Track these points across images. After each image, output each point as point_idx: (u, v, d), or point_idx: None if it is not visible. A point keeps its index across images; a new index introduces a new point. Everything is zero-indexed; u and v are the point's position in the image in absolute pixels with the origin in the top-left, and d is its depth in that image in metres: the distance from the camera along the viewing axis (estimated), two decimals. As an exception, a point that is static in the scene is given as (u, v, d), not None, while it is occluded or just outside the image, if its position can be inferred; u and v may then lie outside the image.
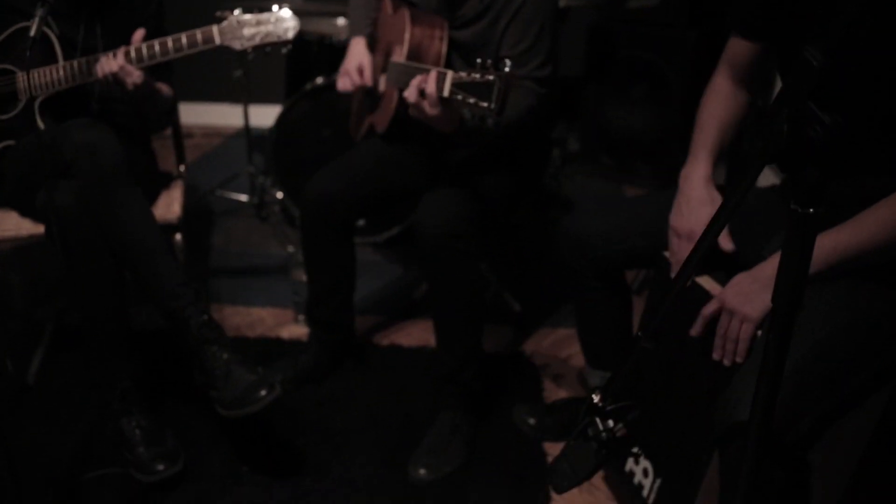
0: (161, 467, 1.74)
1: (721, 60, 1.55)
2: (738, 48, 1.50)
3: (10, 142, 1.87)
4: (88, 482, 1.78)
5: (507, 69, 1.39)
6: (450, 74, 1.45)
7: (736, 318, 1.28)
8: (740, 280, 1.30)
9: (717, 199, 1.46)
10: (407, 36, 1.78)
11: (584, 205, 3.20)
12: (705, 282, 1.45)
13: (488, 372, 2.02)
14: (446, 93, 1.46)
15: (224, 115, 4.19)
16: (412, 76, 1.65)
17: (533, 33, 1.74)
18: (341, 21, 3.10)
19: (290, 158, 2.82)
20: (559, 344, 2.32)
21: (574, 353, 2.25)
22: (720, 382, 1.33)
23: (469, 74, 1.42)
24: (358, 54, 2.01)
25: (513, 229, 2.95)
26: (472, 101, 1.41)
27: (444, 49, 1.81)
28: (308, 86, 2.71)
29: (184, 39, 1.78)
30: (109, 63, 1.75)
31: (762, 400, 0.93)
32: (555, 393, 2.11)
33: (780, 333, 0.89)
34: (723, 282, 1.37)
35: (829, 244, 1.23)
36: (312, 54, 2.93)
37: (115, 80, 1.76)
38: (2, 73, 1.87)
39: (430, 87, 1.50)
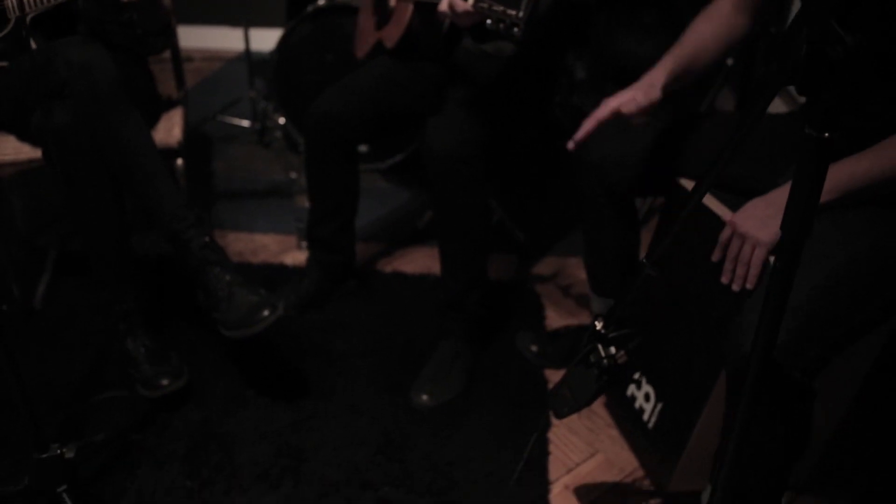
0: (165, 381, 1.76)
1: None
2: None
3: (3, 63, 1.83)
4: (96, 404, 1.81)
5: None
6: None
7: (748, 242, 1.27)
8: (755, 204, 1.29)
9: (653, 94, 1.48)
10: None
11: (594, 135, 3.15)
12: (715, 206, 1.44)
13: (492, 300, 2.03)
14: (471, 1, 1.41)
15: (224, 39, 4.09)
16: None
17: None
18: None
19: (292, 83, 2.77)
20: (563, 272, 2.32)
21: (577, 282, 2.25)
22: (727, 308, 1.33)
23: None
24: None
25: (518, 157, 2.91)
26: (499, 8, 1.37)
27: None
28: (310, 8, 2.63)
29: None
30: None
31: (765, 327, 0.92)
32: (557, 321, 2.12)
33: (788, 259, 0.88)
34: (734, 207, 1.36)
35: (848, 170, 1.21)
36: (314, -26, 2.84)
37: None
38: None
39: (460, 4, 1.47)
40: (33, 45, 1.79)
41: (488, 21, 1.41)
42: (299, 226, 2.33)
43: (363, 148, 2.66)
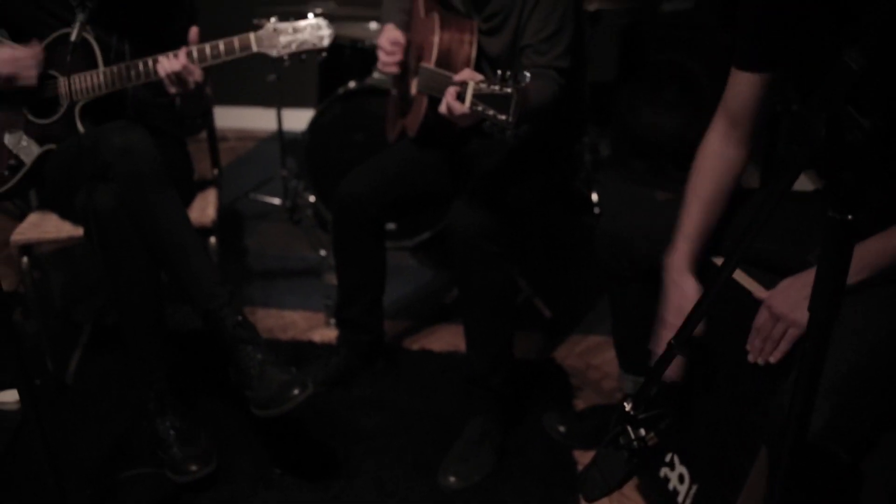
0: (194, 468, 1.76)
1: (718, 109, 1.50)
2: (739, 87, 1.45)
3: (52, 145, 1.91)
4: (124, 481, 1.81)
5: (524, 83, 1.39)
6: (470, 85, 1.46)
7: (782, 322, 1.26)
8: (790, 284, 1.29)
9: (690, 290, 1.44)
10: (436, 41, 1.80)
11: (617, 208, 3.18)
12: (745, 281, 1.44)
13: (519, 378, 2.02)
14: (467, 104, 1.46)
15: (257, 119, 4.24)
16: (439, 83, 1.66)
17: (554, 22, 1.75)
18: (373, 25, 3.12)
19: (323, 162, 2.85)
20: (591, 351, 2.31)
21: (606, 361, 2.23)
22: (761, 386, 1.31)
23: (489, 86, 1.42)
24: (388, 31, 1.98)
25: (544, 234, 2.94)
26: (490, 112, 1.42)
27: (474, 54, 1.83)
28: (341, 90, 2.73)
29: (221, 46, 1.81)
30: (171, 62, 1.78)
31: (797, 409, 0.91)
32: (585, 400, 2.10)
33: (817, 342, 0.88)
34: (762, 281, 1.36)
35: (876, 248, 1.22)
36: (345, 59, 2.95)
37: (178, 78, 1.79)
38: (45, 77, 1.91)
39: (455, 106, 1.51)
40: (81, 128, 1.88)
41: (485, 122, 1.46)
42: (328, 303, 2.35)
43: (391, 226, 2.70)
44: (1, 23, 1.91)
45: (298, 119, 3.82)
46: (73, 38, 1.55)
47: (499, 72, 1.42)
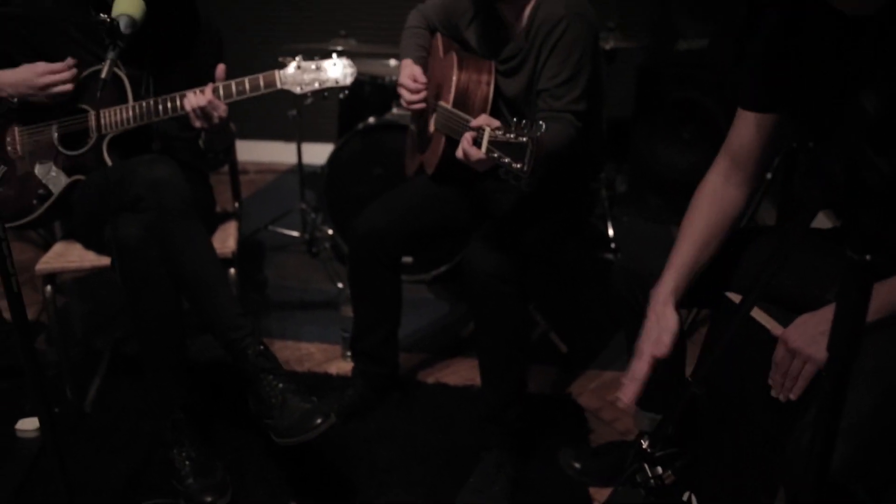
0: (209, 499, 1.76)
1: (721, 150, 1.52)
2: (744, 127, 1.46)
3: (80, 176, 1.96)
4: (140, 510, 1.81)
5: (539, 133, 1.40)
6: (486, 132, 1.47)
7: (799, 358, 1.26)
8: (806, 320, 1.29)
9: (671, 324, 1.43)
10: (454, 80, 1.83)
11: (633, 245, 3.20)
12: (763, 318, 1.44)
13: (534, 413, 2.01)
14: (483, 150, 1.48)
15: (278, 153, 4.30)
16: (456, 125, 1.68)
17: (570, 67, 1.77)
18: (393, 62, 3.19)
19: (341, 195, 2.88)
20: (606, 387, 2.30)
21: (621, 396, 2.22)
22: (778, 425, 1.31)
23: (504, 133, 1.43)
24: (407, 67, 2.02)
25: (560, 270, 2.95)
26: (506, 160, 1.43)
27: (491, 94, 1.86)
28: (360, 125, 2.78)
29: (247, 83, 1.85)
30: (198, 98, 1.83)
31: (818, 449, 0.91)
32: (601, 436, 2.09)
33: (836, 382, 0.88)
34: (779, 318, 1.36)
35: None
36: (365, 95, 3.01)
37: (204, 113, 1.83)
38: (76, 111, 1.96)
39: (471, 152, 1.52)
40: (108, 160, 1.93)
41: (500, 169, 1.47)
42: (345, 335, 2.37)
43: (407, 259, 2.72)
44: (35, 55, 1.97)
45: (318, 153, 3.88)
46: (103, 74, 1.58)
47: (514, 119, 1.44)
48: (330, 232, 2.96)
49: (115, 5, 1.70)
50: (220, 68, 1.86)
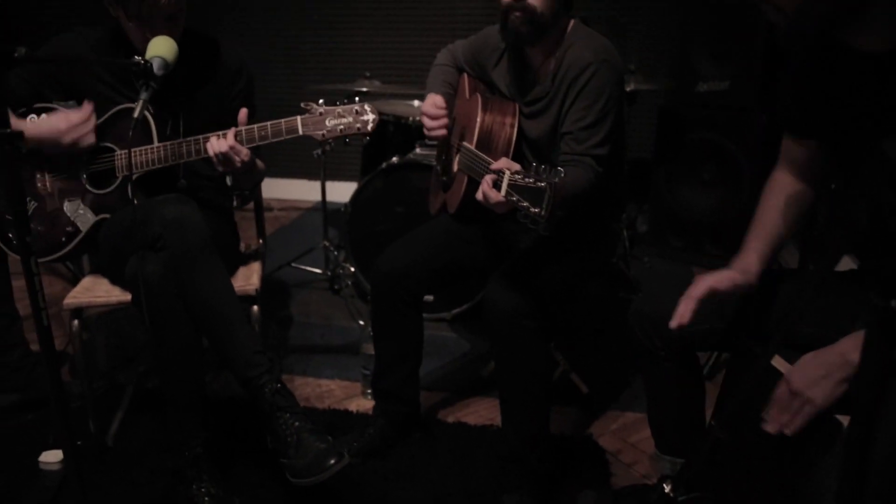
0: (228, 534, 1.76)
1: (780, 158, 1.56)
2: (792, 146, 1.51)
3: (106, 214, 2.00)
4: (158, 546, 1.81)
5: (557, 178, 1.41)
6: (506, 175, 1.49)
7: (798, 398, 1.25)
8: (808, 361, 1.28)
9: (751, 276, 1.45)
10: (477, 122, 1.86)
11: (653, 285, 3.18)
12: (779, 363, 1.42)
13: (554, 455, 2.00)
14: (502, 192, 1.49)
15: (302, 190, 4.37)
16: (478, 166, 1.71)
17: (595, 112, 1.78)
18: (416, 103, 3.24)
19: (363, 234, 2.91)
20: (628, 428, 2.28)
21: (643, 439, 2.20)
22: (798, 469, 1.29)
23: (524, 178, 1.45)
24: (431, 97, 2.04)
25: (581, 310, 2.94)
26: (524, 204, 1.44)
27: (514, 136, 1.88)
28: (384, 164, 2.81)
29: (269, 128, 1.87)
30: (219, 143, 1.85)
31: (847, 494, 0.90)
32: (622, 479, 2.06)
33: (863, 427, 0.87)
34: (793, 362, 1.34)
35: None
36: (388, 134, 3.05)
37: (225, 158, 1.85)
38: (103, 150, 2.01)
39: (491, 194, 1.54)
40: (135, 200, 1.96)
41: (518, 213, 1.49)
42: (365, 373, 2.37)
43: (428, 297, 2.73)
44: (67, 94, 2.02)
45: (341, 191, 3.94)
46: (135, 115, 1.63)
47: (534, 164, 1.45)
48: (352, 269, 2.99)
49: (148, 47, 1.76)
50: (243, 113, 1.88)
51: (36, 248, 1.98)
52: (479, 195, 1.59)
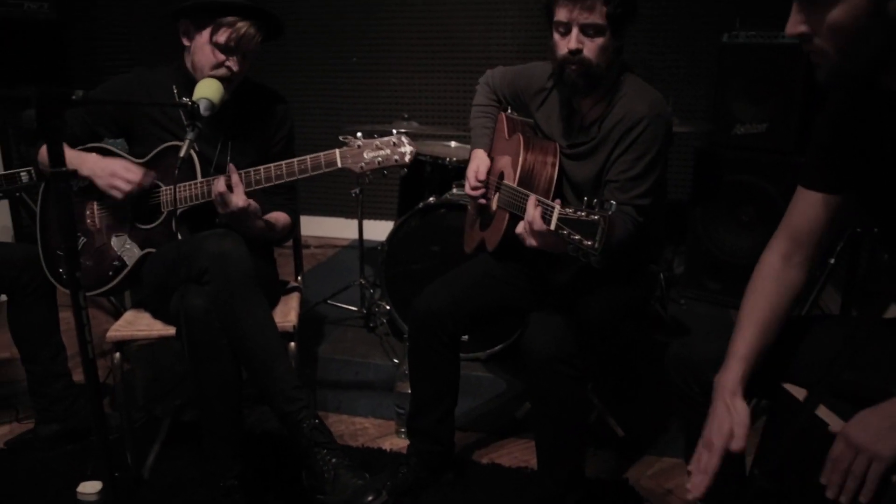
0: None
1: (779, 228, 1.50)
2: (805, 206, 1.44)
3: (152, 249, 2.05)
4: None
5: (610, 212, 1.41)
6: (556, 209, 1.50)
7: (863, 456, 1.21)
8: (868, 416, 1.23)
9: (742, 415, 1.39)
10: (520, 161, 1.87)
11: (690, 328, 3.15)
12: (825, 414, 1.39)
13: (590, 498, 1.97)
14: (553, 226, 1.50)
15: (338, 228, 4.42)
16: (521, 202, 1.72)
17: (642, 165, 1.79)
18: (453, 144, 3.28)
19: (399, 272, 2.93)
20: (664, 473, 2.24)
21: (680, 485, 2.16)
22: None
23: (575, 211, 1.45)
24: (476, 160, 2.10)
25: (617, 352, 2.91)
26: (576, 237, 1.44)
27: (555, 175, 1.89)
28: (420, 204, 2.84)
29: (308, 162, 1.92)
30: (219, 183, 1.91)
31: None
32: (660, 526, 2.02)
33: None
34: (846, 416, 1.31)
35: None
36: (425, 174, 3.08)
37: (222, 200, 1.90)
38: (150, 186, 2.06)
39: (538, 223, 1.55)
40: (179, 234, 2.02)
41: (569, 246, 1.48)
42: (399, 412, 2.37)
43: (463, 337, 2.73)
44: (119, 132, 2.10)
45: (377, 230, 3.98)
46: (181, 154, 1.69)
47: (585, 198, 1.47)
48: (387, 307, 3.00)
49: (196, 90, 1.82)
50: (230, 168, 1.93)
51: (84, 283, 2.07)
52: (523, 226, 1.60)
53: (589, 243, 1.42)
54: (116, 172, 1.98)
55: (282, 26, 2.08)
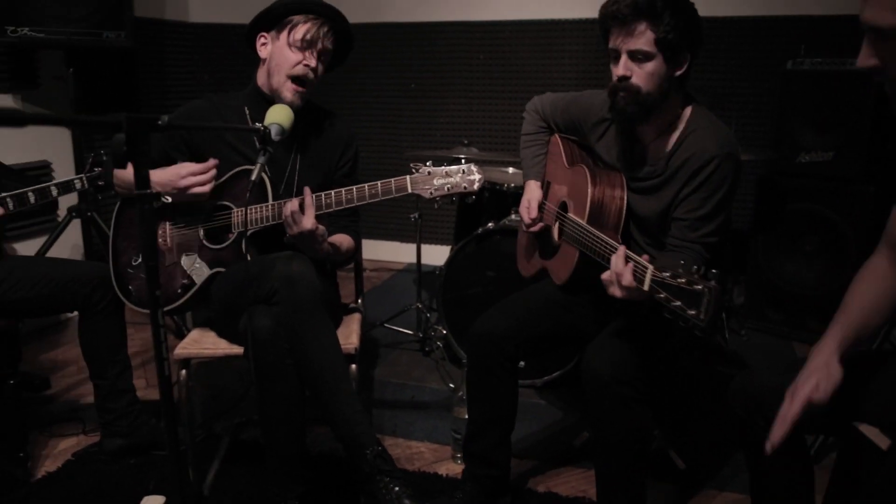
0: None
1: (882, 238, 1.50)
2: None
3: (221, 269, 2.10)
4: None
5: (714, 282, 1.34)
6: (650, 270, 1.46)
7: None
8: None
9: (834, 373, 1.38)
10: (588, 197, 1.85)
11: (751, 359, 3.08)
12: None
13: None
14: (646, 287, 1.46)
15: (396, 252, 4.46)
16: (596, 244, 1.71)
17: (713, 203, 1.76)
18: (511, 170, 3.29)
19: (456, 297, 2.94)
20: (727, 508, 2.18)
21: (744, 521, 2.10)
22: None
23: (674, 277, 1.40)
24: (528, 193, 2.14)
25: (678, 382, 2.86)
26: (676, 304, 1.39)
27: (624, 209, 1.87)
28: (480, 229, 2.85)
29: (379, 187, 1.96)
30: (292, 203, 1.94)
31: None
32: (723, 563, 1.97)
33: None
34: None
35: None
36: (483, 200, 3.10)
37: (293, 220, 1.94)
38: (220, 208, 2.13)
39: (628, 279, 1.53)
40: (248, 255, 2.06)
41: (665, 309, 1.43)
42: (456, 437, 2.36)
43: (520, 363, 2.71)
44: (192, 156, 2.16)
45: (433, 254, 4.01)
46: (253, 177, 1.73)
47: (682, 261, 1.42)
48: (444, 332, 3.01)
49: (267, 115, 1.87)
50: (306, 190, 1.97)
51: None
52: (609, 276, 1.58)
53: (693, 313, 1.36)
54: (181, 173, 2.03)
55: (350, 34, 2.18)
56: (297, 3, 2.08)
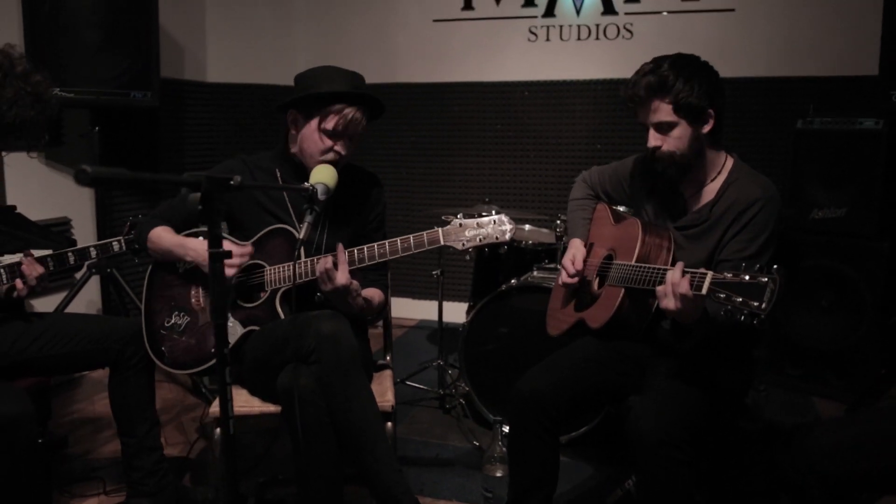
0: None
1: None
2: None
3: (254, 327, 2.10)
4: None
5: (776, 275, 1.46)
6: (710, 274, 1.54)
7: None
8: None
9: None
10: (639, 243, 1.92)
11: (770, 415, 3.07)
12: None
13: None
14: (704, 290, 1.54)
15: (407, 309, 4.45)
16: (644, 273, 1.78)
17: (757, 245, 1.82)
18: (528, 227, 3.33)
19: (478, 354, 2.93)
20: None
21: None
22: None
23: (735, 276, 1.49)
24: (573, 248, 2.19)
25: (713, 441, 2.83)
26: (738, 300, 1.47)
27: (670, 260, 1.92)
28: (504, 286, 2.86)
29: (412, 240, 1.98)
30: (326, 260, 1.96)
31: None
32: None
33: None
34: None
35: None
36: (501, 257, 3.12)
37: (328, 276, 1.95)
38: (254, 267, 2.13)
39: (684, 287, 1.59)
40: (281, 313, 2.06)
41: (722, 308, 1.51)
42: (487, 495, 2.33)
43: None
44: (227, 219, 2.18)
45: (454, 311, 4.01)
46: (301, 235, 1.75)
47: (743, 264, 1.52)
48: (466, 389, 2.99)
49: (312, 175, 1.91)
50: (339, 247, 1.98)
51: (185, 361, 2.13)
52: (664, 288, 1.64)
53: (756, 304, 1.46)
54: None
55: (383, 107, 2.19)
56: (329, 95, 2.06)
